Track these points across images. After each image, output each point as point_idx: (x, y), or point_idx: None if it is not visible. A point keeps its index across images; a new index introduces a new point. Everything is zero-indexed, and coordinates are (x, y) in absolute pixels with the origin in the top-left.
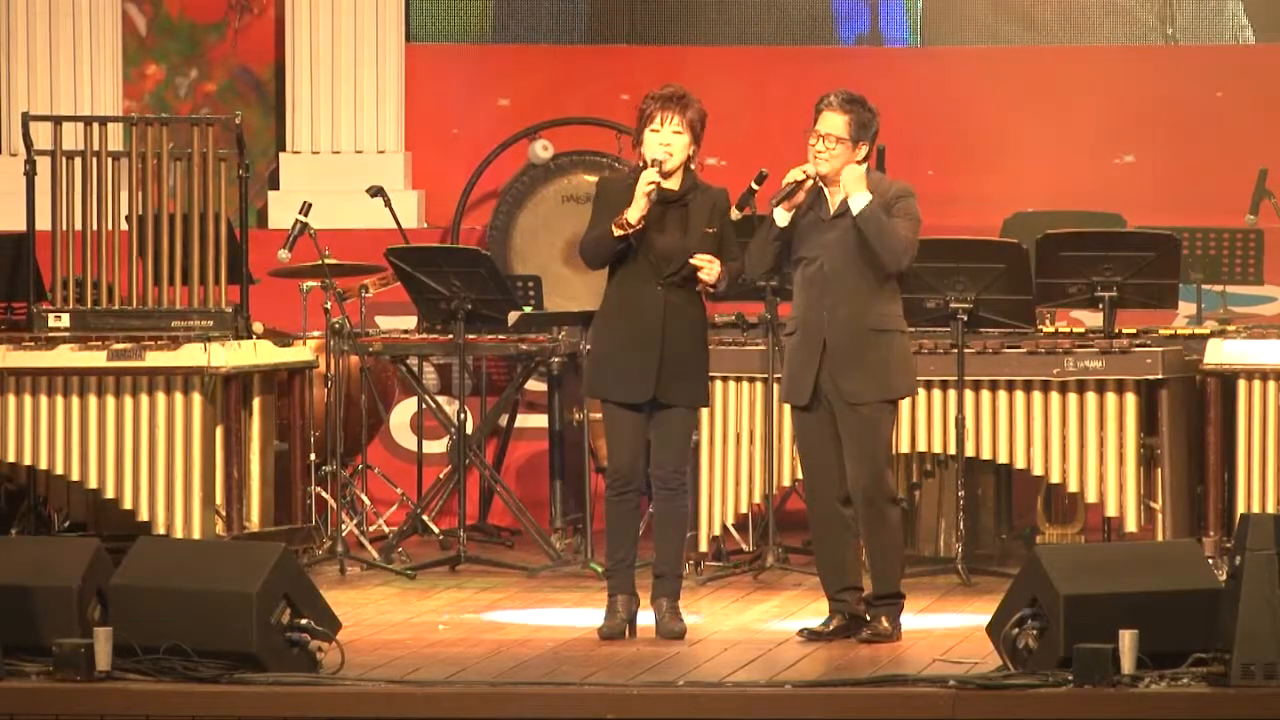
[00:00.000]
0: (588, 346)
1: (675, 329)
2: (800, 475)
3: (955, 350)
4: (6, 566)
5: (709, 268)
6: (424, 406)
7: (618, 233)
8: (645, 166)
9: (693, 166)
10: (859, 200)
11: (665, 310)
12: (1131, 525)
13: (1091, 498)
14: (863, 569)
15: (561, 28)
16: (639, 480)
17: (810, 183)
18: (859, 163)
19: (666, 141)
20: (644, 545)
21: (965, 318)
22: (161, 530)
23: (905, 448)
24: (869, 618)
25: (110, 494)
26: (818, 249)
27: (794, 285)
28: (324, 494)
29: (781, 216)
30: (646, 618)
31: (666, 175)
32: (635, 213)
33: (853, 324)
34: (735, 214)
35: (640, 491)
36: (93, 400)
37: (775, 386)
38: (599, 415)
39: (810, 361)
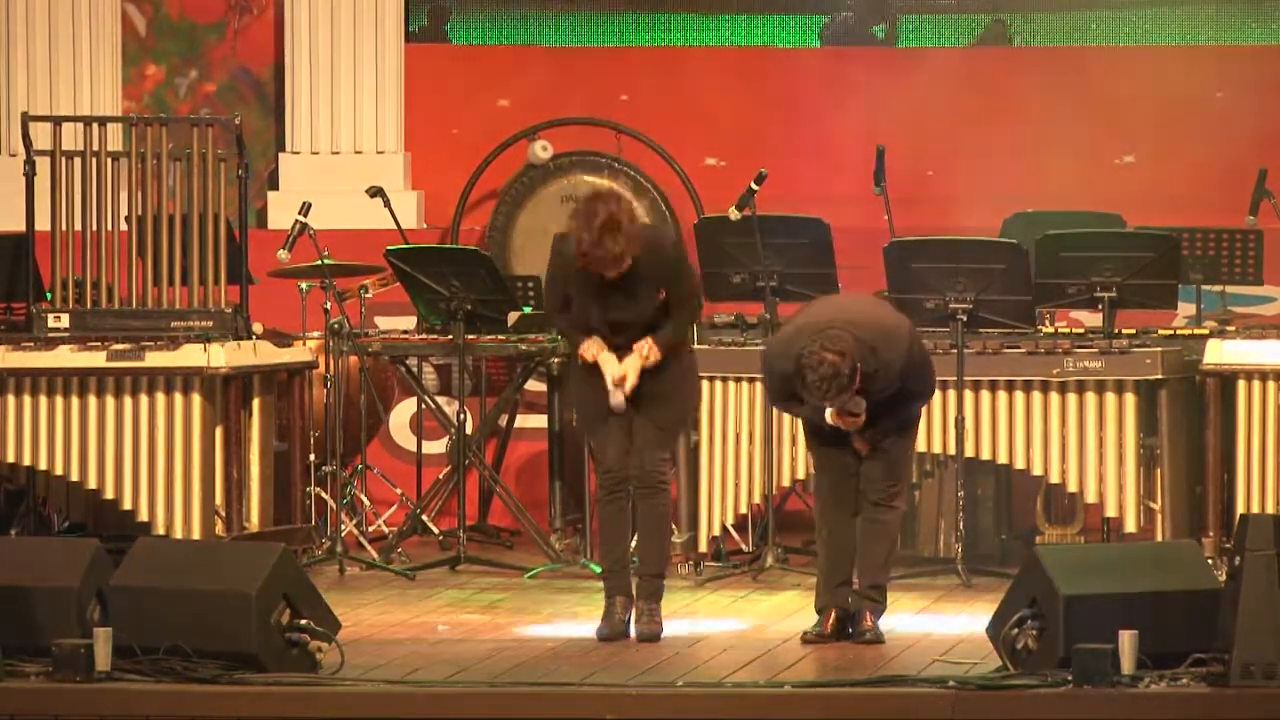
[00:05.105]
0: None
1: (642, 379)
2: (800, 475)
3: (955, 350)
4: (6, 566)
5: (644, 360)
6: (424, 407)
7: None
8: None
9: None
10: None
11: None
12: (1131, 525)
13: (1091, 498)
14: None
15: (562, 28)
16: (629, 479)
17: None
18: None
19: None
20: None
21: (965, 318)
22: (161, 530)
23: None
24: (853, 611)
25: (110, 494)
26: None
27: None
28: (324, 494)
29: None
30: None
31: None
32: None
33: None
34: (734, 214)
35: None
36: (92, 400)
37: None
38: None
39: None
